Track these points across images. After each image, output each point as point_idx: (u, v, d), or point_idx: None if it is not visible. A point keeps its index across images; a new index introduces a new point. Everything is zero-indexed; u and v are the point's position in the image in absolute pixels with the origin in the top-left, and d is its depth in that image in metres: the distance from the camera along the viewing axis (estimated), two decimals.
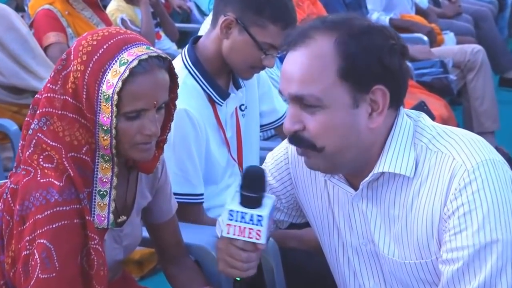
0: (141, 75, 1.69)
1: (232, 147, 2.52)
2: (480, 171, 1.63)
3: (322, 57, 1.65)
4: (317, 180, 1.90)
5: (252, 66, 2.40)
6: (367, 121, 1.68)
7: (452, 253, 1.64)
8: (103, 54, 1.70)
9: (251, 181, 1.77)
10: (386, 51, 1.65)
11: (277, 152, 2.02)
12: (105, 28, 1.78)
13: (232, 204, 1.77)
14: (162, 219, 2.08)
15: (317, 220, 1.94)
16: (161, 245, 2.15)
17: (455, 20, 6.30)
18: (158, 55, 1.72)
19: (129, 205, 1.93)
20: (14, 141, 3.30)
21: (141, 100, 1.70)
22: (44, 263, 1.68)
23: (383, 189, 1.76)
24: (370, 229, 1.80)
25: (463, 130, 1.78)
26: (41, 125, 1.75)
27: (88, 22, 4.13)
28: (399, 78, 1.69)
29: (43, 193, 1.70)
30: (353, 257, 1.87)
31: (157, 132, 1.75)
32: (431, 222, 1.69)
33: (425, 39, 5.16)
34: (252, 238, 1.76)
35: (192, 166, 2.33)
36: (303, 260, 2.31)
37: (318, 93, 1.65)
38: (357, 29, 1.67)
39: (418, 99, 3.67)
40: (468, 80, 4.85)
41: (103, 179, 1.78)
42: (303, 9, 4.58)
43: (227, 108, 2.48)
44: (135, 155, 1.78)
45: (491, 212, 1.61)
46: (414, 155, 1.71)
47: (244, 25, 2.33)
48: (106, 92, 1.68)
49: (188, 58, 2.42)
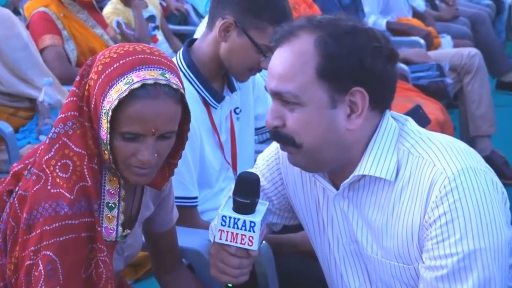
0: (143, 99, 1.65)
1: (226, 150, 2.51)
2: (462, 179, 1.63)
3: (302, 55, 1.66)
4: (307, 180, 1.91)
5: (250, 68, 2.40)
6: (345, 122, 1.68)
7: (435, 260, 1.64)
8: (116, 69, 1.67)
9: (245, 186, 1.77)
10: (368, 53, 1.65)
11: (268, 153, 2.03)
12: (133, 44, 1.75)
13: (224, 210, 1.77)
14: (162, 229, 2.07)
15: (307, 220, 1.94)
16: (157, 252, 2.14)
17: (452, 23, 6.30)
18: (168, 84, 1.67)
19: (133, 216, 1.92)
20: (9, 143, 3.29)
21: (138, 124, 1.66)
22: (49, 276, 1.66)
23: (363, 191, 1.76)
24: (352, 229, 1.80)
25: (448, 137, 1.77)
26: (67, 129, 1.73)
27: (83, 25, 4.13)
28: (382, 81, 1.68)
29: (52, 205, 1.68)
30: (338, 257, 1.87)
31: (151, 160, 1.70)
32: (411, 228, 1.69)
33: (422, 42, 5.16)
34: (245, 245, 1.76)
35: (187, 169, 2.33)
36: (297, 264, 2.31)
37: (296, 90, 1.66)
38: (340, 29, 1.67)
39: (414, 103, 3.66)
40: (464, 84, 4.84)
41: (111, 191, 1.76)
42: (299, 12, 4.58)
43: (221, 111, 2.47)
44: (128, 176, 1.75)
45: (473, 220, 1.61)
46: (396, 159, 1.71)
47: (243, 28, 2.33)
48: (105, 107, 1.66)
49: (183, 60, 2.41)
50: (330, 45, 1.65)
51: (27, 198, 1.72)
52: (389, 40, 1.71)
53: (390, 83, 1.71)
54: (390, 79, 1.70)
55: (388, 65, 1.68)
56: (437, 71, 4.69)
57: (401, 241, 1.71)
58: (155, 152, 1.70)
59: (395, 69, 1.72)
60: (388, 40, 1.70)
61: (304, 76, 1.66)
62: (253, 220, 1.75)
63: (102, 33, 4.31)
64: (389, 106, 1.74)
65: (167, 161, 1.83)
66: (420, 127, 1.79)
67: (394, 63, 1.71)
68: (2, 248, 1.78)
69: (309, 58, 1.66)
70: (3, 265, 1.78)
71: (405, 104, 3.69)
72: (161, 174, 1.85)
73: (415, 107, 3.49)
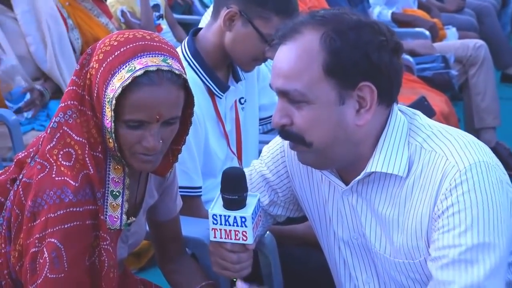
0: (146, 86, 1.65)
1: (231, 140, 2.51)
2: (472, 173, 1.62)
3: (308, 52, 1.64)
4: (314, 173, 1.90)
5: (255, 58, 2.39)
6: (354, 117, 1.66)
7: (439, 251, 1.63)
8: (117, 56, 1.67)
9: (230, 183, 1.78)
10: (374, 47, 1.63)
11: (273, 145, 2.02)
12: (135, 30, 1.74)
13: (215, 208, 1.77)
14: (166, 217, 2.07)
15: (313, 213, 1.93)
16: (161, 241, 2.14)
17: (457, 15, 6.28)
18: (170, 70, 1.67)
19: (137, 204, 1.92)
20: (12, 131, 3.30)
21: (142, 111, 1.66)
22: (54, 263, 1.67)
23: (373, 187, 1.75)
24: (361, 224, 1.80)
25: (460, 131, 1.76)
26: (67, 118, 1.73)
27: (88, 14, 4.13)
28: (389, 75, 1.67)
29: (57, 192, 1.68)
30: (345, 251, 1.87)
31: (156, 146, 1.70)
32: (420, 222, 1.68)
33: (427, 33, 5.14)
34: (239, 240, 1.77)
35: (191, 159, 2.32)
36: (301, 255, 2.31)
37: (303, 88, 1.64)
38: (345, 24, 1.65)
39: (419, 94, 3.66)
40: (469, 76, 4.83)
41: (115, 179, 1.76)
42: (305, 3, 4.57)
43: (226, 101, 2.47)
44: (134, 163, 1.75)
45: (480, 214, 1.60)
46: (407, 155, 1.70)
47: (248, 17, 2.32)
48: (109, 95, 1.66)
49: (188, 50, 2.41)
50: (336, 41, 1.63)
51: (31, 186, 1.72)
52: (393, 33, 1.69)
53: (397, 76, 1.70)
54: (396, 72, 1.69)
55: (394, 58, 1.67)
56: (442, 63, 4.68)
57: (411, 235, 1.70)
58: (159, 138, 1.70)
59: (400, 61, 1.71)
60: (393, 33, 1.69)
61: (311, 74, 1.64)
62: (243, 215, 1.75)
63: (107, 22, 4.31)
64: (395, 99, 1.73)
65: (171, 148, 1.83)
66: (431, 120, 1.78)
67: (399, 56, 1.69)
68: (6, 235, 1.79)
69: (315, 55, 1.64)
70: (7, 253, 1.79)
71: (410, 95, 3.68)
72: (165, 161, 1.85)
73: (420, 98, 3.48)
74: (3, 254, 1.80)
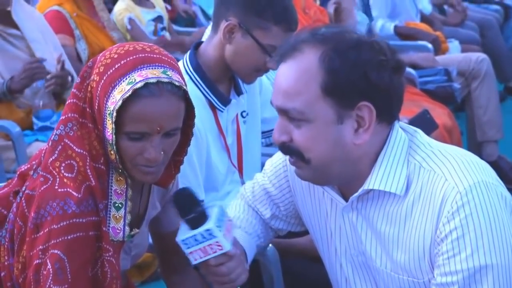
0: (146, 98, 1.65)
1: (232, 153, 2.51)
2: (473, 194, 1.61)
3: (307, 71, 1.64)
4: (315, 188, 1.90)
5: (257, 69, 2.39)
6: (352, 136, 1.66)
7: (446, 277, 1.62)
8: (118, 69, 1.68)
9: (182, 205, 1.80)
10: (373, 67, 1.62)
11: (276, 159, 2.02)
12: (135, 43, 1.75)
13: (180, 235, 1.79)
14: (169, 229, 2.06)
15: (315, 228, 1.93)
16: (164, 253, 2.14)
17: (460, 28, 6.29)
18: (170, 81, 1.68)
19: (140, 215, 1.92)
20: (16, 143, 3.31)
21: (142, 123, 1.67)
22: (57, 274, 1.67)
23: (372, 204, 1.75)
24: (361, 241, 1.79)
25: (459, 150, 1.74)
26: (68, 130, 1.74)
27: (96, 25, 4.13)
28: (389, 94, 1.65)
29: (60, 203, 1.68)
30: (346, 268, 1.86)
31: (158, 158, 1.71)
32: (423, 243, 1.67)
33: (430, 46, 5.15)
34: (217, 252, 1.78)
35: (193, 173, 2.33)
36: (303, 268, 2.31)
37: (302, 107, 1.64)
38: (345, 43, 1.64)
39: (422, 107, 3.66)
40: (472, 89, 4.83)
41: (118, 191, 1.76)
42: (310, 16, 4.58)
43: (228, 114, 2.47)
44: (136, 175, 1.75)
45: (484, 236, 1.59)
46: (406, 173, 1.69)
47: (247, 29, 2.32)
48: (109, 108, 1.66)
49: (190, 64, 2.41)
50: (335, 61, 1.62)
51: (34, 198, 1.72)
52: (395, 52, 1.68)
53: (397, 95, 1.68)
54: (397, 91, 1.68)
55: (394, 77, 1.65)
56: (444, 76, 4.68)
57: (413, 255, 1.69)
58: (161, 150, 1.71)
59: (402, 80, 1.69)
60: (394, 52, 1.67)
61: (309, 93, 1.63)
62: (206, 228, 1.76)
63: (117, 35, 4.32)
64: (397, 118, 1.72)
65: (173, 159, 1.83)
66: (431, 139, 1.77)
67: (400, 74, 1.68)
68: (9, 247, 1.79)
69: (313, 74, 1.63)
70: (10, 265, 1.79)
71: (412, 108, 3.68)
72: (167, 172, 1.85)
73: (423, 111, 3.48)
74: (6, 267, 1.80)
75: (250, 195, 2.09)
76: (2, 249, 1.82)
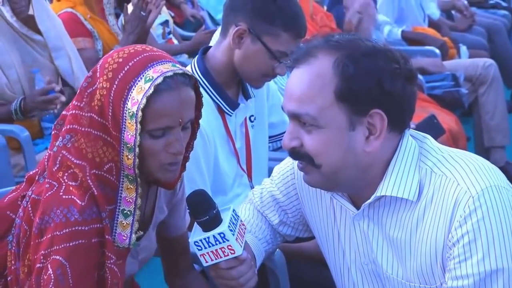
0: (166, 92, 1.67)
1: (241, 157, 2.52)
2: (485, 198, 1.60)
3: (321, 77, 1.63)
4: (323, 196, 1.90)
5: (265, 74, 2.41)
6: (363, 144, 1.65)
7: (457, 281, 1.62)
8: (128, 71, 1.69)
9: (196, 207, 1.80)
10: (387, 75, 1.62)
11: (284, 167, 2.02)
12: (131, 46, 1.77)
13: (194, 236, 1.79)
14: (175, 233, 2.08)
15: (322, 236, 1.93)
16: (169, 256, 2.15)
17: (468, 34, 6.28)
18: (183, 72, 1.70)
19: (147, 219, 1.92)
20: (24, 147, 3.31)
21: (166, 117, 1.68)
22: (58, 280, 1.67)
23: (384, 210, 1.74)
24: (372, 249, 1.79)
25: (469, 154, 1.74)
26: (65, 142, 1.75)
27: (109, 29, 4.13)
28: (401, 102, 1.65)
29: (63, 211, 1.69)
30: (356, 276, 1.86)
31: (182, 150, 1.73)
32: (435, 248, 1.67)
33: (437, 52, 5.15)
34: (228, 255, 1.78)
35: (200, 177, 2.34)
36: (309, 272, 2.31)
37: (314, 112, 1.64)
38: (359, 51, 1.64)
39: (429, 113, 3.65)
40: (479, 94, 4.82)
41: (127, 199, 1.76)
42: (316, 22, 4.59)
43: (236, 118, 2.48)
44: (161, 175, 1.76)
45: (496, 240, 1.59)
46: (418, 179, 1.69)
47: (257, 34, 2.34)
48: (131, 109, 1.67)
49: (198, 68, 2.42)
50: (349, 67, 1.61)
51: (40, 202, 1.73)
52: (408, 60, 1.68)
53: (410, 104, 1.68)
54: (409, 100, 1.67)
55: (407, 86, 1.65)
56: (452, 81, 4.68)
57: (425, 260, 1.69)
58: (183, 142, 1.73)
59: (414, 89, 1.69)
60: (406, 60, 1.67)
61: (322, 99, 1.63)
62: (220, 231, 1.76)
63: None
64: (408, 126, 1.72)
65: None
66: (440, 145, 1.77)
67: (413, 83, 1.67)
68: (16, 252, 1.80)
69: (327, 80, 1.63)
70: (16, 269, 1.80)
71: (419, 113, 3.67)
72: None
73: (430, 116, 3.48)
74: (13, 271, 1.81)
75: (258, 200, 2.09)
76: (9, 253, 1.83)
